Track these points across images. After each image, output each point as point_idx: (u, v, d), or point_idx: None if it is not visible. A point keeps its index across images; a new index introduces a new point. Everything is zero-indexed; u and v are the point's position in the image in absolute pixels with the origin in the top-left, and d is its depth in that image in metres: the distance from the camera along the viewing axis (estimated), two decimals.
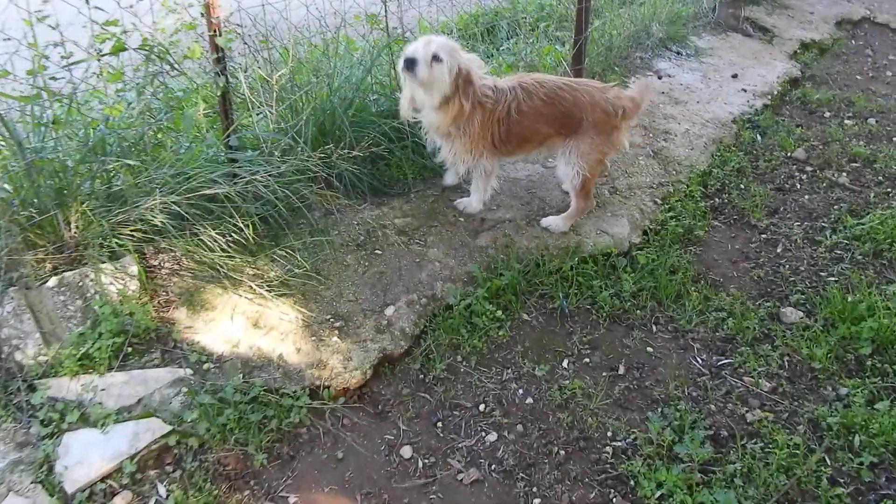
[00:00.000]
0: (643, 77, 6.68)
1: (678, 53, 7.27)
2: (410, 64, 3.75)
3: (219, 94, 3.78)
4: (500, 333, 3.86)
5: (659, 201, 5.03)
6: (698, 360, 3.81)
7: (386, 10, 4.54)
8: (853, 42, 8.54)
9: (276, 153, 3.72)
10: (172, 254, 3.75)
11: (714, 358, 3.82)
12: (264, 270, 3.85)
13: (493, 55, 6.58)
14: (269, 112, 3.76)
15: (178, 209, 3.45)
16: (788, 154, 5.88)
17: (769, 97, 6.77)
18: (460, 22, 7.56)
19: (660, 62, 7.08)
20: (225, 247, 3.67)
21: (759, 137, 6.11)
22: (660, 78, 6.76)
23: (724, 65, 7.26)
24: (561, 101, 4.08)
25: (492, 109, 3.97)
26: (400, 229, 4.35)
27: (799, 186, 5.47)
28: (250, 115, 3.96)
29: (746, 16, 8.16)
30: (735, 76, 7.01)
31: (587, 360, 3.78)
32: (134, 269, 3.60)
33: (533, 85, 4.07)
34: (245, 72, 4.03)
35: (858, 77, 7.60)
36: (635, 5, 7.39)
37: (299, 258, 3.87)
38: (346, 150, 3.96)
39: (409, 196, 4.67)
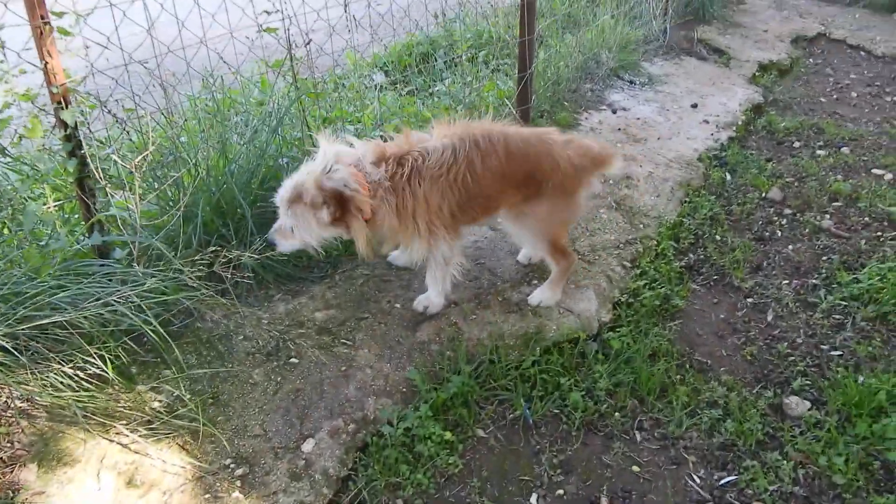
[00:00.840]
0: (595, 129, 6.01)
1: (631, 83, 6.65)
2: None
3: (72, 180, 2.93)
4: (450, 462, 3.06)
5: (628, 264, 4.33)
6: (696, 479, 3.08)
7: (291, 57, 3.73)
8: (811, 61, 8.07)
9: (143, 261, 2.87)
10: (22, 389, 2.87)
11: (715, 476, 3.09)
12: (141, 404, 3.00)
13: (429, 94, 5.84)
14: (131, 203, 2.91)
15: (6, 344, 2.57)
16: (763, 195, 5.25)
17: (734, 128, 6.18)
18: (393, 53, 6.84)
19: (612, 94, 6.44)
20: (85, 382, 2.81)
21: (728, 176, 5.48)
22: (614, 112, 6.11)
23: (682, 93, 6.67)
24: (522, 159, 3.35)
25: (437, 175, 3.19)
26: (321, 326, 3.54)
27: (780, 234, 4.84)
28: (124, 204, 3.10)
29: (699, 37, 7.62)
30: (695, 106, 6.42)
31: (560, 490, 3.01)
32: None
33: (485, 139, 3.28)
34: (109, 146, 3.19)
35: (822, 99, 7.08)
36: (581, 31, 6.75)
37: (184, 385, 3.03)
38: (246, 238, 3.14)
39: (332, 279, 3.87)
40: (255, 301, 3.62)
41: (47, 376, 2.74)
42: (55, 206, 3.01)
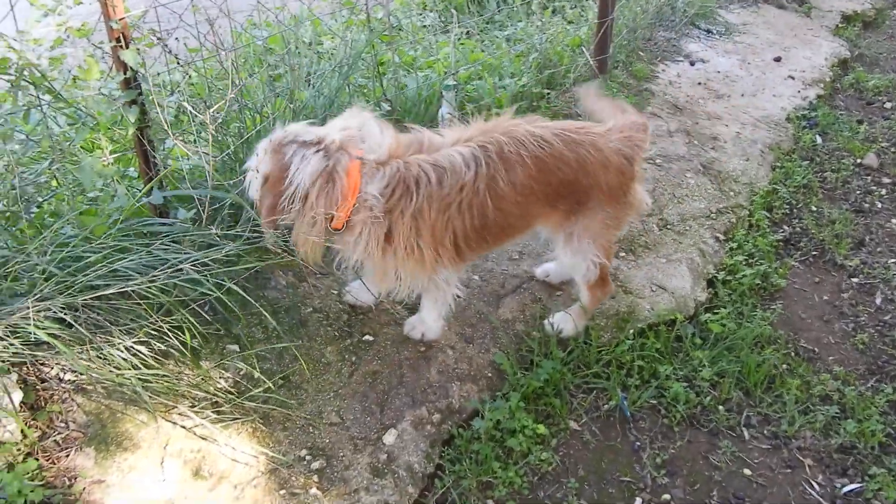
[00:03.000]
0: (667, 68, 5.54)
1: (708, 32, 6.13)
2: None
3: (131, 132, 2.58)
4: (543, 458, 2.76)
5: (721, 236, 3.95)
6: (815, 485, 2.77)
7: None
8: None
9: (215, 223, 2.53)
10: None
11: (836, 482, 2.78)
12: (206, 382, 2.70)
13: (484, 32, 5.36)
14: (204, 159, 2.56)
15: (65, 316, 2.27)
16: (858, 161, 4.81)
17: (821, 85, 5.68)
18: None
19: (689, 44, 5.94)
20: (149, 359, 2.51)
21: (819, 139, 5.03)
22: (692, 64, 5.63)
23: (763, 45, 6.15)
24: (560, 164, 2.68)
25: (447, 202, 2.57)
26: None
27: (880, 206, 4.43)
28: (185, 156, 2.76)
29: None
30: (778, 59, 5.91)
31: (666, 495, 2.71)
32: (17, 396, 2.44)
33: (512, 145, 2.62)
34: (172, 93, 2.82)
35: None
36: None
37: (254, 362, 2.73)
38: None
39: None
40: (324, 266, 3.29)
41: (107, 352, 2.44)
42: (112, 158, 2.67)
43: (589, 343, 3.15)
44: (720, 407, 3.04)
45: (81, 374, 2.52)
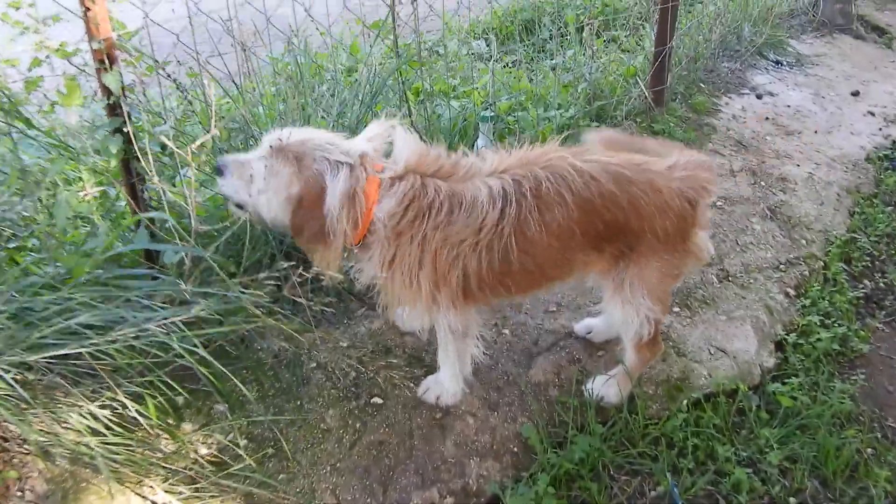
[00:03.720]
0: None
1: (777, 63, 5.65)
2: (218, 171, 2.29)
3: (114, 163, 2.29)
4: None
5: (791, 291, 3.46)
6: None
7: (394, 16, 2.99)
8: None
9: (195, 276, 2.19)
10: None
11: None
12: (186, 450, 2.36)
13: (533, 60, 5.02)
14: (186, 206, 2.24)
15: (15, 377, 1.96)
16: None
17: None
18: (495, 19, 6.05)
19: (755, 75, 5.47)
20: (116, 425, 2.19)
21: None
22: (759, 98, 5.16)
23: (838, 77, 5.63)
24: (607, 205, 2.29)
25: (454, 234, 2.22)
26: (412, 355, 2.84)
27: None
28: (179, 197, 2.44)
29: (858, 13, 6.49)
30: (856, 94, 5.39)
31: None
32: None
33: (550, 181, 2.25)
34: (164, 121, 2.53)
35: None
36: (719, 2, 5.77)
37: (240, 427, 2.38)
38: None
39: None
40: (332, 317, 2.94)
41: (67, 416, 2.13)
42: (94, 192, 2.38)
43: (634, 415, 2.71)
44: (791, 500, 2.54)
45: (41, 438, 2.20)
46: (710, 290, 3.33)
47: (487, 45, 5.51)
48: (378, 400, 2.65)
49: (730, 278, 3.43)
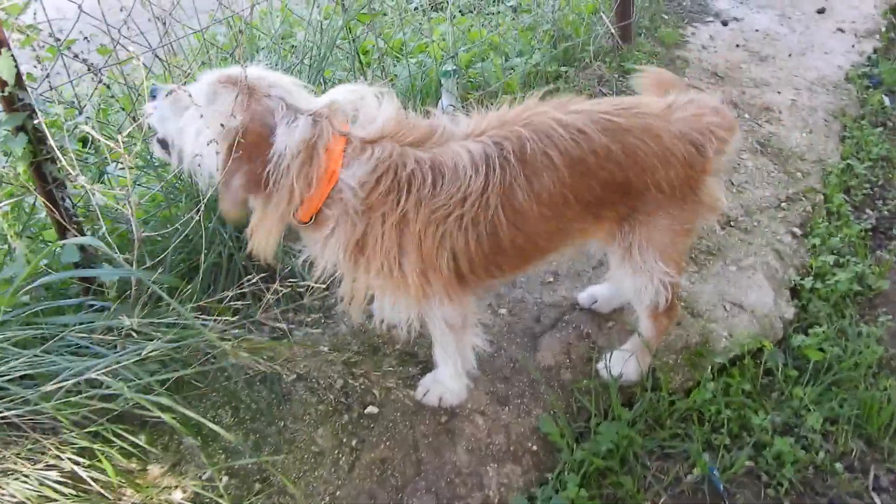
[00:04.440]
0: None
1: None
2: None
3: (21, 168, 1.86)
4: None
5: (797, 230, 3.21)
6: None
7: None
8: None
9: (140, 304, 1.79)
10: None
11: None
12: (162, 494, 1.99)
13: (491, 3, 4.60)
14: (123, 210, 1.83)
15: None
16: None
17: (877, 37, 4.92)
18: None
19: (717, 1, 5.16)
20: (60, 486, 1.80)
21: (886, 100, 4.27)
22: (725, 24, 4.86)
23: None
24: (601, 162, 1.96)
25: (445, 213, 1.87)
26: (404, 350, 2.50)
27: None
28: (111, 199, 2.02)
29: None
30: (822, 11, 5.14)
31: None
32: None
33: (534, 141, 1.91)
34: (80, 111, 2.09)
35: None
36: None
37: (217, 465, 2.02)
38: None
39: None
40: (309, 317, 2.57)
41: (4, 484, 1.73)
42: (4, 206, 1.95)
43: (657, 391, 2.43)
44: (838, 465, 2.31)
45: None
46: (715, 239, 3.06)
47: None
48: (373, 409, 2.31)
49: (732, 224, 3.16)
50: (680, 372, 2.54)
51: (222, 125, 1.79)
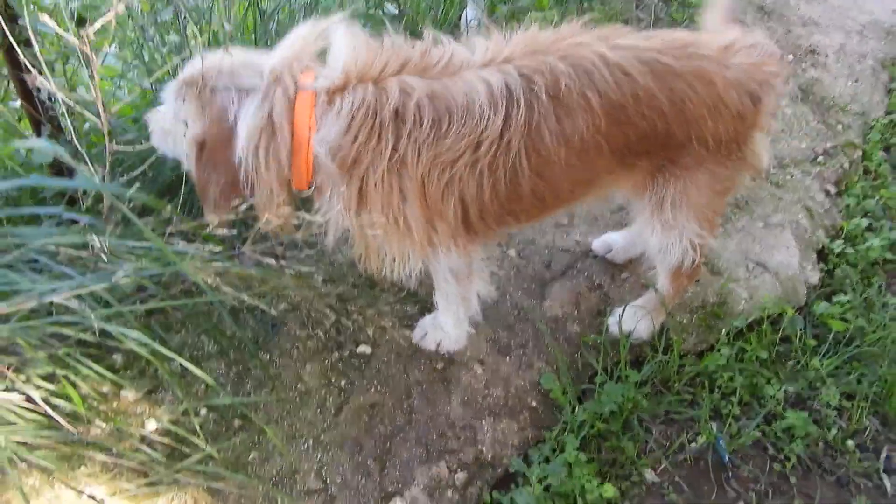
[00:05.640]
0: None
1: None
2: None
3: None
4: None
5: (831, 188, 3.00)
6: None
7: None
8: None
9: (115, 219, 1.61)
10: None
11: None
12: (135, 423, 1.88)
13: None
14: (93, 116, 1.63)
15: None
16: None
17: None
18: None
19: None
20: (28, 412, 1.68)
21: None
22: None
23: None
24: (643, 110, 1.74)
25: (444, 150, 1.64)
26: (402, 286, 2.34)
27: None
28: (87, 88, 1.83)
29: None
30: None
31: None
32: None
33: (571, 77, 1.66)
34: None
35: None
36: None
37: (193, 401, 1.89)
38: None
39: None
40: (298, 245, 2.40)
41: None
42: None
43: (669, 352, 2.29)
44: (849, 443, 2.20)
45: None
46: (743, 191, 2.86)
47: None
48: (365, 349, 2.17)
49: (763, 175, 2.95)
50: (694, 333, 2.39)
51: (189, 143, 1.66)
